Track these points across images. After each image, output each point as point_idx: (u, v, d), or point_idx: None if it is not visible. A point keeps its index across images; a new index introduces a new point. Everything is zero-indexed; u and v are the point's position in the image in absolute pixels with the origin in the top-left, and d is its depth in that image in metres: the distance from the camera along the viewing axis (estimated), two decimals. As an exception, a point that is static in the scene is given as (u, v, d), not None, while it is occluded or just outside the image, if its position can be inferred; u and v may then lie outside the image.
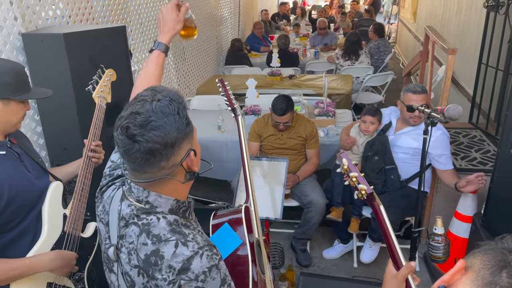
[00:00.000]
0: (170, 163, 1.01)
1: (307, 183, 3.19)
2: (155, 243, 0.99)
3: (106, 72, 1.92)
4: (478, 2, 4.11)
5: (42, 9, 2.66)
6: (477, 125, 3.83)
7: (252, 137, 3.32)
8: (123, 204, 1.07)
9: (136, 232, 1.02)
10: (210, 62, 6.45)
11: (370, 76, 5.66)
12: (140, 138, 0.95)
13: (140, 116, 0.96)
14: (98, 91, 1.85)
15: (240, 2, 8.25)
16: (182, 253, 0.97)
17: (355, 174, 1.49)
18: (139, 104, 0.99)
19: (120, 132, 0.97)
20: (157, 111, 0.97)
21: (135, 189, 1.05)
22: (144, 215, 1.03)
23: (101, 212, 1.15)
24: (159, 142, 0.96)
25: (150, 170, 1.00)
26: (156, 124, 0.96)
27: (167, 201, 1.04)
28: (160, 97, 0.99)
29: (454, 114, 1.85)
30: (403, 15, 10.53)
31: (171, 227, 1.02)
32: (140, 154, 0.96)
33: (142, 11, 4.07)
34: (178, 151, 1.01)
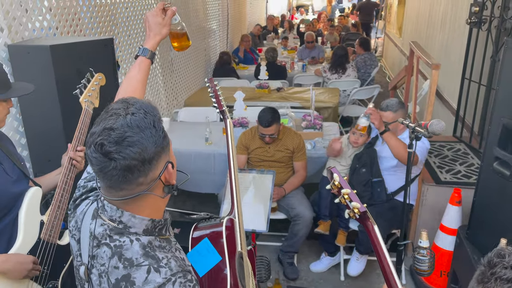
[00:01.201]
0: (149, 179, 0.97)
1: (294, 196, 3.19)
2: (127, 267, 0.95)
3: (95, 76, 1.88)
4: (462, 18, 4.22)
5: (29, 21, 2.65)
6: (461, 138, 3.89)
7: (239, 150, 3.32)
8: (94, 223, 1.02)
9: (108, 254, 0.97)
10: (198, 74, 6.47)
11: (357, 89, 5.73)
12: (116, 155, 0.90)
13: (114, 132, 0.91)
14: (85, 96, 1.81)
15: (228, 15, 8.32)
16: (154, 280, 0.93)
17: (347, 190, 1.44)
18: (112, 119, 0.93)
19: (94, 150, 0.92)
20: (133, 126, 0.92)
21: (108, 208, 1.00)
22: (117, 236, 0.99)
23: (73, 227, 1.09)
24: (136, 159, 0.92)
25: (127, 187, 0.96)
26: (132, 140, 0.91)
27: (141, 221, 1.00)
28: (134, 110, 0.94)
29: (437, 129, 1.88)
30: (389, 30, 10.74)
31: (144, 250, 0.97)
32: (117, 172, 0.92)
33: (130, 23, 4.07)
34: (156, 165, 0.97)
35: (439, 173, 3.23)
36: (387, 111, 2.82)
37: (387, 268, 1.27)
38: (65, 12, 3.01)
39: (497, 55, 3.28)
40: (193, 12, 6.04)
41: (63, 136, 2.34)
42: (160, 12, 1.41)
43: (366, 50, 6.51)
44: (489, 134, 2.28)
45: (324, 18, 12.51)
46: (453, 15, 4.76)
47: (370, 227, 1.35)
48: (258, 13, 12.22)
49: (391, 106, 2.82)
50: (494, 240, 2.12)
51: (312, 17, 15.12)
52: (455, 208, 2.80)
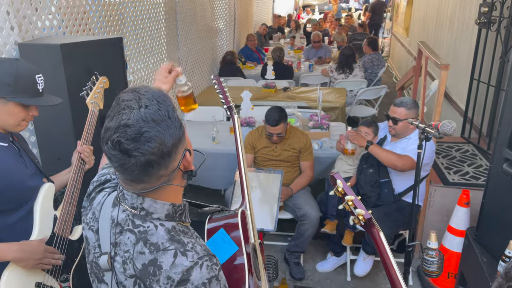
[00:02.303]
0: (169, 170, 0.97)
1: (300, 196, 3.19)
2: (153, 252, 0.95)
3: (100, 80, 1.95)
4: (470, 18, 4.19)
5: (39, 19, 2.67)
6: (469, 139, 3.87)
7: (246, 149, 3.32)
8: (116, 210, 1.03)
9: (132, 240, 0.98)
10: (205, 73, 6.48)
11: (363, 89, 5.71)
12: (135, 152, 0.90)
13: (130, 129, 0.89)
14: (91, 97, 1.88)
15: (236, 14, 8.32)
16: (181, 263, 0.93)
17: (351, 197, 1.42)
18: (125, 113, 0.91)
19: (112, 147, 0.91)
20: (148, 120, 0.90)
21: (128, 196, 1.00)
22: (140, 221, 0.99)
23: (91, 219, 1.10)
24: (155, 154, 0.91)
25: (148, 180, 0.96)
26: (149, 135, 0.90)
27: (162, 206, 1.00)
28: (147, 102, 0.92)
29: (448, 130, 1.87)
30: (396, 30, 10.69)
31: (170, 234, 0.98)
32: (138, 167, 0.92)
33: (138, 22, 4.09)
34: (175, 156, 0.97)
35: (447, 174, 3.21)
36: (401, 107, 2.81)
37: (394, 276, 1.26)
38: (74, 11, 3.02)
39: (506, 56, 3.26)
40: (200, 11, 6.06)
41: (73, 135, 2.36)
42: (164, 70, 1.42)
43: (374, 50, 6.49)
44: (498, 135, 2.26)
45: (331, 18, 12.48)
46: (462, 15, 4.73)
47: (376, 234, 1.33)
48: (265, 12, 12.21)
49: (405, 103, 2.81)
50: (503, 242, 2.10)
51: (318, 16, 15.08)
52: (463, 210, 2.79)
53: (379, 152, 2.78)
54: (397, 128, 2.84)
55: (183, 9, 5.28)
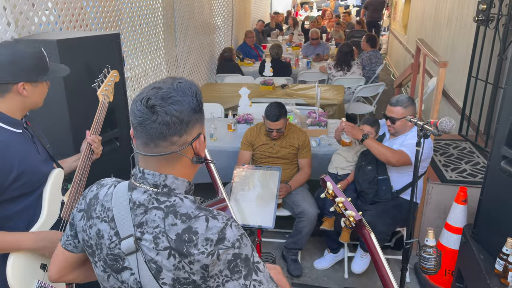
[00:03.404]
0: (182, 140, 1.05)
1: (298, 193, 3.19)
2: (185, 221, 1.02)
3: (111, 73, 2.01)
4: (468, 16, 4.19)
5: (36, 15, 2.65)
6: (467, 137, 3.88)
7: (244, 146, 3.32)
8: (135, 193, 1.07)
9: (160, 216, 1.03)
10: (203, 70, 6.46)
11: (361, 86, 5.71)
12: (159, 109, 1.01)
13: (161, 91, 1.03)
14: (102, 89, 1.94)
15: (233, 11, 8.29)
16: (215, 225, 1.02)
17: (341, 199, 1.42)
18: (161, 83, 1.06)
19: (140, 104, 1.02)
20: (178, 90, 1.04)
21: (149, 175, 1.07)
22: (165, 197, 1.06)
23: (101, 211, 1.11)
24: (176, 116, 1.02)
25: (161, 144, 1.04)
26: (176, 99, 1.02)
27: (183, 183, 1.10)
28: (181, 81, 1.07)
29: (447, 127, 1.87)
30: (394, 27, 10.68)
31: (195, 204, 1.06)
32: (156, 125, 1.01)
33: (135, 18, 4.06)
34: (191, 130, 1.06)
35: (444, 171, 3.22)
36: (397, 106, 2.80)
37: (386, 276, 1.27)
38: (71, 6, 3.00)
39: (504, 53, 3.26)
40: (198, 8, 6.03)
41: (70, 131, 2.34)
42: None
43: (372, 47, 6.48)
44: (496, 132, 2.27)
45: (329, 15, 12.45)
46: (460, 13, 4.73)
47: (366, 235, 1.34)
48: (263, 9, 12.18)
49: (401, 102, 2.81)
50: (501, 239, 2.11)
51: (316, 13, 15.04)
52: (460, 207, 2.79)
53: (374, 146, 2.77)
54: (396, 127, 2.84)
55: (180, 5, 5.25)
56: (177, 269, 1.01)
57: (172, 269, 1.01)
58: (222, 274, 1.01)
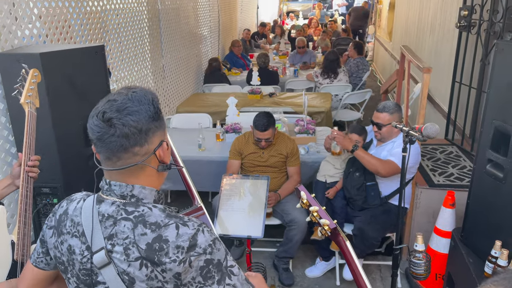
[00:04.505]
0: (144, 150, 1.05)
1: (288, 201, 3.18)
2: (155, 230, 1.01)
3: (30, 73, 1.68)
4: (451, 22, 4.26)
5: (19, 29, 2.62)
6: (453, 141, 3.92)
7: (233, 155, 3.31)
8: (103, 205, 1.06)
9: (129, 226, 1.02)
10: (190, 80, 6.46)
11: (348, 93, 5.75)
12: (116, 121, 1.00)
13: (116, 103, 1.02)
14: (25, 96, 1.60)
15: (220, 21, 8.33)
16: (185, 232, 1.02)
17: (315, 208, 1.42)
18: (115, 95, 1.05)
19: (96, 118, 1.01)
20: (133, 99, 1.03)
21: (116, 186, 1.06)
22: (133, 207, 1.05)
23: (71, 226, 1.10)
24: (134, 127, 1.01)
25: (123, 156, 1.03)
26: (132, 109, 1.02)
27: (151, 192, 1.09)
28: (136, 90, 1.06)
29: (432, 133, 1.89)
30: (379, 34, 10.82)
31: (165, 213, 1.05)
32: (116, 138, 1.00)
33: (121, 30, 4.05)
34: (152, 139, 1.06)
35: (432, 176, 3.24)
36: (384, 112, 2.83)
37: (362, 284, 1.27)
38: (55, 19, 2.98)
39: (487, 58, 3.32)
40: (184, 18, 6.04)
41: (55, 144, 2.31)
42: None
43: (359, 54, 6.56)
44: (481, 136, 2.29)
45: (315, 24, 12.57)
46: (442, 19, 4.81)
47: (342, 243, 1.34)
48: (249, 19, 12.26)
49: (387, 108, 2.84)
50: (489, 242, 2.12)
51: (302, 22, 15.18)
52: (448, 211, 2.81)
53: (364, 157, 2.80)
54: (382, 133, 2.87)
55: (166, 16, 5.26)
56: (150, 279, 1.00)
57: (145, 280, 1.00)
58: (195, 281, 1.01)
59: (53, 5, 2.95)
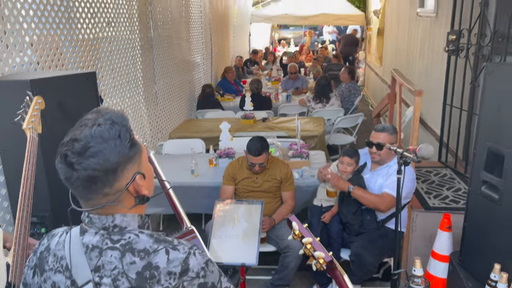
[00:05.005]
0: (114, 189, 0.98)
1: (283, 226, 3.13)
2: (144, 258, 0.97)
3: (34, 100, 1.77)
4: (439, 46, 4.34)
5: (10, 56, 2.62)
6: (447, 163, 3.92)
7: (226, 181, 3.27)
8: (87, 236, 1.01)
9: (117, 256, 0.97)
10: (183, 106, 6.47)
11: (341, 118, 5.78)
12: (77, 166, 0.94)
13: (78, 143, 0.95)
14: (28, 122, 1.69)
15: (212, 48, 8.43)
16: (176, 257, 0.98)
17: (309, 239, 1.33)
18: (79, 130, 0.97)
19: (59, 160, 0.96)
20: (96, 136, 0.95)
21: (96, 219, 1.01)
22: (118, 236, 1.00)
23: (53, 262, 1.04)
24: (98, 170, 0.94)
25: (94, 197, 0.98)
26: (94, 150, 0.94)
27: (133, 217, 1.03)
28: (102, 121, 0.97)
29: (426, 154, 1.88)
30: (369, 60, 11.01)
31: (153, 238, 1.00)
32: (80, 182, 0.95)
33: (113, 57, 4.07)
34: (122, 175, 0.99)
35: (427, 198, 3.22)
36: (384, 132, 2.85)
37: None
38: (46, 47, 2.98)
39: (476, 81, 3.36)
40: (177, 46, 6.10)
41: (44, 171, 2.26)
42: None
43: (351, 79, 6.64)
44: (475, 158, 2.29)
45: (306, 50, 12.78)
46: (431, 43, 4.90)
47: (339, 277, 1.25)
48: (242, 46, 12.43)
49: (387, 128, 2.87)
50: (488, 266, 2.08)
51: (294, 49, 15.43)
52: (445, 234, 2.77)
53: (361, 195, 2.80)
54: (381, 153, 2.85)
55: (159, 44, 5.31)
56: None
57: None
58: None
59: (44, 33, 2.96)
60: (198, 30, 7.36)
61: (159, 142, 5.03)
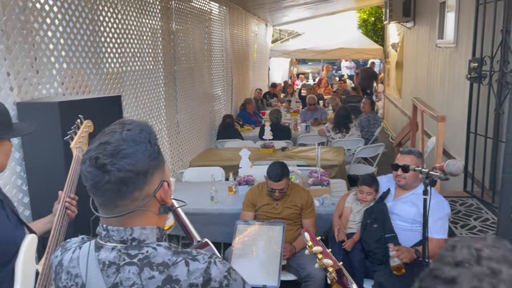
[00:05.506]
0: (144, 194, 0.97)
1: (303, 255, 3.03)
2: (163, 271, 0.93)
3: (84, 123, 1.89)
4: (460, 75, 4.31)
5: (40, 81, 2.71)
6: (473, 193, 3.81)
7: (246, 207, 3.24)
8: (102, 252, 0.97)
9: (135, 271, 0.94)
10: (204, 136, 6.54)
11: (361, 147, 5.73)
12: (111, 167, 0.92)
13: (110, 146, 0.93)
14: (76, 142, 1.80)
15: (233, 81, 8.59)
16: (196, 268, 0.94)
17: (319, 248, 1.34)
18: (108, 135, 0.96)
19: (89, 164, 0.93)
20: (128, 140, 0.95)
21: (114, 232, 0.97)
22: (136, 251, 0.96)
23: (67, 280, 1.00)
24: (131, 171, 0.93)
25: (121, 203, 0.95)
26: (127, 152, 0.93)
27: (151, 230, 1.00)
28: (131, 127, 0.98)
29: (455, 169, 1.82)
30: (388, 92, 11.01)
31: (171, 250, 0.97)
32: (111, 185, 0.92)
33: (137, 86, 4.18)
34: (151, 180, 0.98)
35: (454, 228, 3.11)
36: (411, 154, 2.79)
37: None
38: (75, 74, 3.09)
39: (501, 108, 3.31)
40: (198, 78, 6.25)
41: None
42: None
43: (372, 110, 6.64)
44: (503, 186, 2.22)
45: (324, 83, 12.89)
46: (452, 72, 4.88)
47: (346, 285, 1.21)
48: (261, 79, 12.64)
49: (413, 152, 2.82)
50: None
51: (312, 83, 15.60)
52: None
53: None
54: (408, 176, 2.77)
55: (181, 76, 5.44)
56: None
57: None
58: None
59: (71, 67, 3.05)
60: (219, 64, 7.55)
61: (180, 170, 5.06)
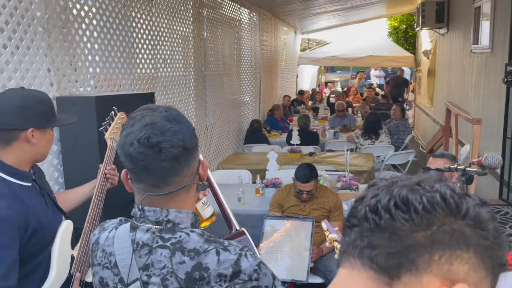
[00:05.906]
0: (191, 170, 0.99)
1: (331, 258, 3.00)
2: (194, 258, 0.93)
3: (118, 115, 1.93)
4: (496, 80, 4.19)
5: (77, 78, 2.82)
6: (508, 201, 3.67)
7: (273, 208, 3.23)
8: (138, 233, 0.98)
9: (166, 255, 0.94)
10: (231, 140, 6.60)
11: (391, 154, 5.63)
12: (165, 144, 0.92)
13: (156, 125, 0.93)
14: (110, 133, 1.86)
15: (261, 87, 8.64)
16: (227, 258, 0.94)
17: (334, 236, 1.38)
18: (148, 115, 0.95)
19: (138, 145, 0.92)
20: (171, 119, 0.95)
21: (150, 212, 0.97)
22: (169, 234, 0.96)
23: (102, 257, 1.02)
24: (182, 147, 0.94)
25: (174, 180, 0.96)
26: (175, 129, 0.94)
27: (187, 215, 1.00)
28: (165, 109, 0.98)
29: (494, 163, 1.75)
30: (419, 101, 10.79)
31: (203, 238, 0.97)
32: (166, 163, 0.93)
33: (169, 89, 4.27)
34: (195, 157, 1.00)
35: (488, 235, 3.00)
36: (443, 158, 2.67)
37: None
38: (110, 73, 3.19)
39: (540, 112, 3.19)
40: (227, 83, 6.33)
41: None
42: None
43: (403, 117, 6.54)
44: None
45: (353, 91, 12.77)
46: (487, 78, 4.75)
47: None
48: (289, 86, 12.66)
49: (446, 155, 2.70)
50: None
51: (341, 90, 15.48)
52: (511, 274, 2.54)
53: None
54: None
55: (211, 80, 5.55)
56: None
57: None
58: None
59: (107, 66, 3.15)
60: (248, 70, 7.62)
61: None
